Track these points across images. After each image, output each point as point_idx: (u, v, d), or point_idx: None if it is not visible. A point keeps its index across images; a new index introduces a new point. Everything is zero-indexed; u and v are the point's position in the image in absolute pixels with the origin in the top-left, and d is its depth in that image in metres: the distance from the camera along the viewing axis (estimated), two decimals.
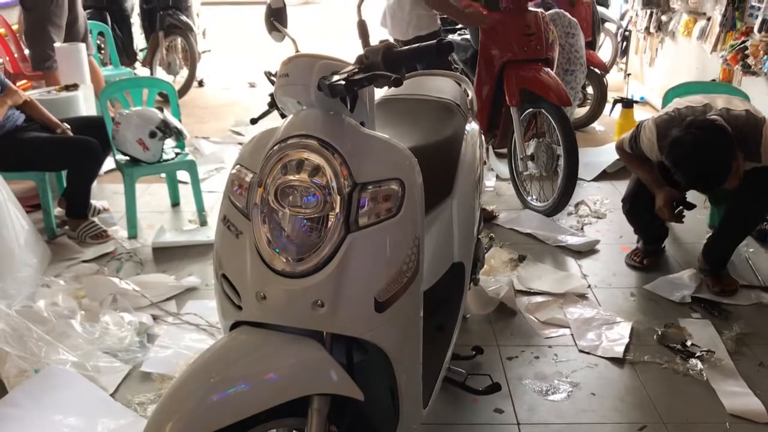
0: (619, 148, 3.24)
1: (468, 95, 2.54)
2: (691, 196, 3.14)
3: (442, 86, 2.47)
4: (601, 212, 4.00)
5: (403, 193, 1.48)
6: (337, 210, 1.42)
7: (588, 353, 2.66)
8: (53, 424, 2.27)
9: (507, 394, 2.41)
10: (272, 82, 1.71)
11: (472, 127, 2.43)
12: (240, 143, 5.46)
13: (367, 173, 1.46)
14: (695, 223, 3.73)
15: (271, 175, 1.45)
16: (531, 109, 3.86)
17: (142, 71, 7.15)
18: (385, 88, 1.50)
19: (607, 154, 4.68)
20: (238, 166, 1.57)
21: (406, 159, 1.53)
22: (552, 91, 3.62)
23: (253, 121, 1.90)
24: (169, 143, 3.86)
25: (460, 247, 2.17)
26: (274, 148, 1.48)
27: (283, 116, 1.80)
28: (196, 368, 1.43)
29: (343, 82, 1.43)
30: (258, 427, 1.44)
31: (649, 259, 3.35)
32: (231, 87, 7.71)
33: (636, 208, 3.28)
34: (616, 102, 5.43)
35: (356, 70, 1.48)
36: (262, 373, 1.40)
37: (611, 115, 5.60)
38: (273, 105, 1.78)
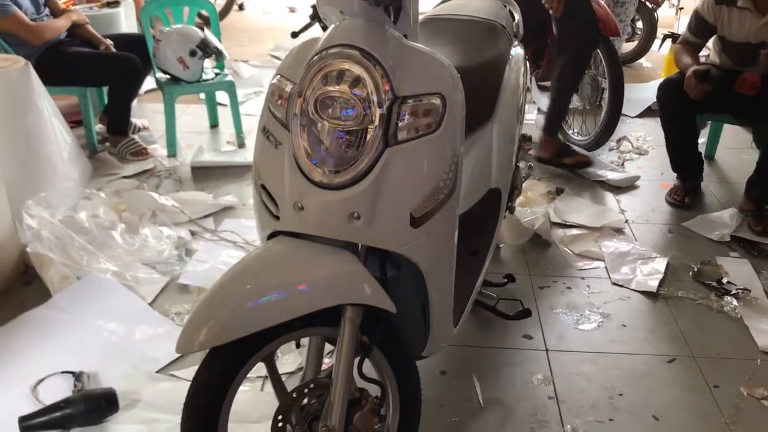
0: (677, 44, 3.28)
1: (514, 18, 2.47)
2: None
3: (487, 7, 2.40)
4: (643, 149, 3.92)
5: (443, 109, 1.45)
6: (376, 123, 1.41)
7: (621, 286, 2.65)
8: (94, 328, 2.35)
9: (537, 322, 2.42)
10: None
11: (518, 51, 2.37)
12: None
13: (408, 87, 1.44)
14: (740, 162, 3.64)
15: (311, 86, 1.44)
16: None
17: None
18: (430, 5, 1.46)
19: (653, 91, 4.52)
20: (278, 76, 1.56)
21: (449, 74, 1.50)
22: (601, 21, 3.49)
23: (294, 35, 1.87)
24: (209, 64, 3.86)
25: (497, 173, 2.15)
26: (315, 57, 1.46)
27: (324, 29, 1.77)
28: (232, 275, 1.45)
29: None
30: (291, 334, 1.48)
31: (690, 196, 3.30)
32: (271, 11, 7.62)
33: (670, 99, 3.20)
34: (665, 37, 5.23)
35: None
36: (297, 281, 1.42)
37: (660, 50, 5.41)
38: (314, 17, 1.75)
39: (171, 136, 3.72)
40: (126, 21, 4.36)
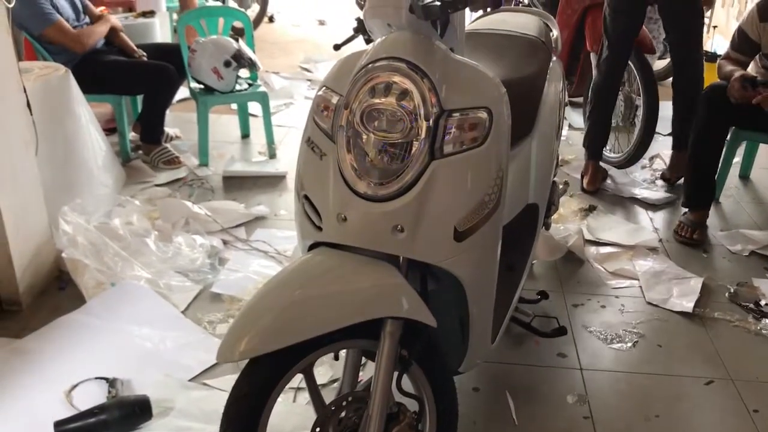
0: (721, 59, 3.21)
1: (553, 33, 2.46)
2: None
3: (527, 23, 2.39)
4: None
5: (490, 123, 1.45)
6: (423, 136, 1.40)
7: (656, 306, 2.61)
8: (127, 334, 2.36)
9: (570, 340, 2.39)
10: (360, 6, 1.68)
11: (556, 65, 2.36)
12: (309, 80, 5.46)
13: (454, 100, 1.44)
14: None
15: (358, 98, 1.44)
16: None
17: (213, 4, 7.16)
18: (470, 20, 1.46)
19: None
20: (324, 87, 1.56)
21: (496, 88, 1.50)
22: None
23: (337, 47, 1.89)
24: (243, 74, 3.89)
25: (535, 188, 2.13)
26: (362, 70, 1.46)
27: (368, 42, 1.78)
28: (274, 285, 1.45)
29: (438, 3, 1.39)
30: (330, 346, 1.47)
31: (698, 231, 3.10)
32: (301, 24, 7.68)
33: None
34: None
35: None
36: (338, 293, 1.41)
37: None
38: (359, 30, 1.76)
39: (203, 145, 3.75)
40: (161, 31, 4.41)
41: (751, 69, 3.27)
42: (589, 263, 2.89)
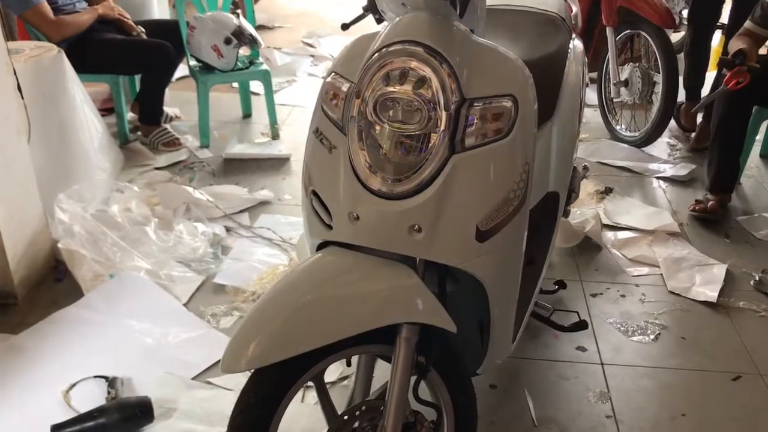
0: (738, 34, 2.97)
1: (572, 9, 2.32)
2: None
3: None
4: (694, 144, 3.73)
5: (515, 113, 1.32)
6: (443, 128, 1.28)
7: (678, 295, 2.50)
8: (127, 329, 2.26)
9: (590, 333, 2.29)
10: None
11: (577, 44, 2.22)
12: (312, 55, 5.30)
13: (476, 88, 1.31)
14: None
15: (371, 86, 1.32)
16: (628, 31, 3.58)
17: None
18: None
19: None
20: (333, 74, 1.44)
21: (521, 74, 1.37)
22: (655, 11, 3.33)
23: (344, 27, 1.75)
24: (243, 51, 3.74)
25: (556, 176, 2.01)
26: (375, 55, 1.33)
27: (378, 21, 1.65)
28: (281, 288, 1.34)
29: None
30: (342, 353, 1.38)
31: (714, 204, 2.96)
32: None
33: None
34: (716, 28, 5.01)
35: None
36: (351, 297, 1.31)
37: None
38: (368, 9, 1.62)
39: (204, 126, 3.62)
40: (158, 6, 4.26)
41: None
42: (607, 250, 2.77)
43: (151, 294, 2.41)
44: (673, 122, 3.69)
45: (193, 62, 3.67)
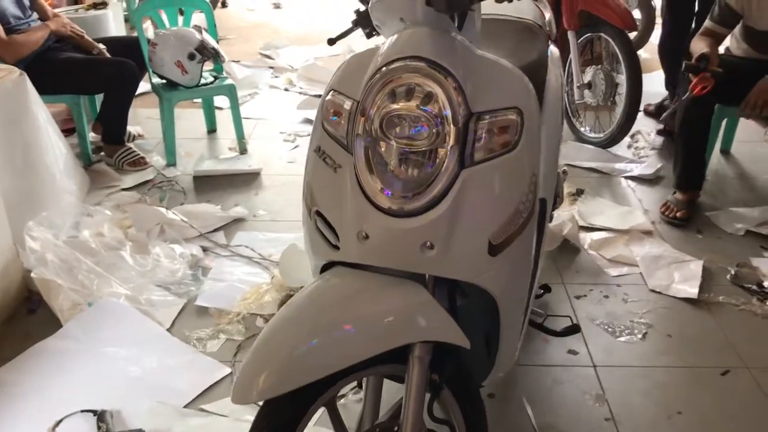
0: (699, 34, 3.08)
1: (545, 16, 2.34)
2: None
3: (519, 6, 2.25)
4: (656, 144, 3.81)
5: (521, 125, 1.32)
6: (452, 142, 1.27)
7: (659, 293, 2.54)
8: (111, 358, 2.20)
9: (579, 336, 2.30)
10: None
11: (554, 50, 2.24)
12: (271, 67, 5.25)
13: (482, 101, 1.31)
14: (756, 156, 3.57)
15: (376, 104, 1.30)
16: (589, 34, 3.64)
17: None
18: None
19: (653, 83, 4.43)
20: (332, 91, 1.41)
21: (524, 85, 1.37)
22: (616, 13, 3.39)
23: (331, 42, 1.73)
24: (206, 66, 3.68)
25: (543, 182, 2.00)
26: (378, 73, 1.31)
27: (368, 36, 1.63)
28: (289, 313, 1.31)
29: None
30: (354, 375, 1.34)
31: (684, 211, 3.03)
32: (255, 8, 7.41)
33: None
34: None
35: None
36: (363, 319, 1.28)
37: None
38: (358, 23, 1.61)
39: (170, 144, 3.54)
40: (114, 23, 4.16)
41: (732, 45, 3.20)
42: (585, 251, 2.81)
43: (132, 321, 2.34)
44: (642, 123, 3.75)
45: (156, 79, 3.58)
